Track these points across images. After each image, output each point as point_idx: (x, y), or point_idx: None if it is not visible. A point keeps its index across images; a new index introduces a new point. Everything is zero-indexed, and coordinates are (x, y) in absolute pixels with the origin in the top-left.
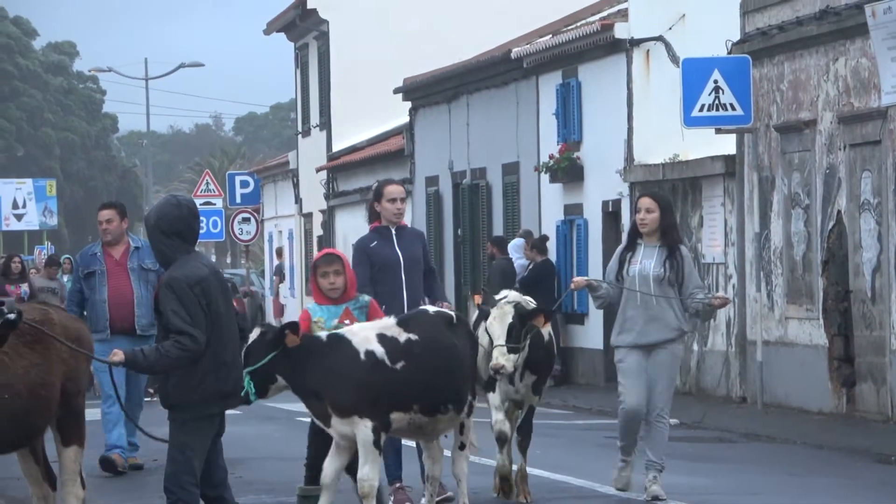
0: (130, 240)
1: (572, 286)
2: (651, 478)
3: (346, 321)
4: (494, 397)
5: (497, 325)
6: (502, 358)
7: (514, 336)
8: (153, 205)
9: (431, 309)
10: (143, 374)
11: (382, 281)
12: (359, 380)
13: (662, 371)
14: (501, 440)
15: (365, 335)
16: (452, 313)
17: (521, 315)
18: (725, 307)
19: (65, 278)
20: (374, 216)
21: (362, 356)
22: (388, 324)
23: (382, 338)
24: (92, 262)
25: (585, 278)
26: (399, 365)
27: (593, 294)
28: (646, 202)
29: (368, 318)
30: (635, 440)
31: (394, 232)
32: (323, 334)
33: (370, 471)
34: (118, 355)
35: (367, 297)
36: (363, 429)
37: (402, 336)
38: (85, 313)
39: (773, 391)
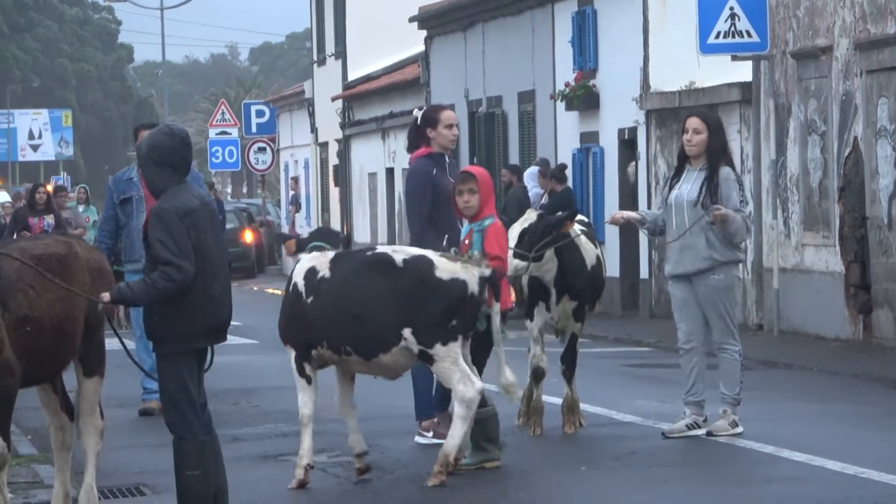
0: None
1: (610, 221)
2: (721, 412)
3: (467, 241)
4: (532, 326)
5: (515, 229)
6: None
7: (527, 242)
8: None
9: (382, 249)
10: (133, 307)
11: (441, 208)
12: (283, 309)
13: (707, 303)
14: (537, 375)
15: (303, 266)
16: (401, 257)
17: (548, 224)
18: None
19: (80, 208)
20: (420, 142)
21: (291, 286)
22: (325, 259)
23: (310, 271)
24: (128, 187)
25: (623, 214)
26: (310, 300)
27: (640, 227)
28: (693, 122)
29: (483, 243)
30: (695, 383)
31: (446, 159)
32: None
33: (300, 399)
34: (105, 296)
35: (489, 221)
36: (291, 357)
37: (322, 272)
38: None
39: (789, 319)
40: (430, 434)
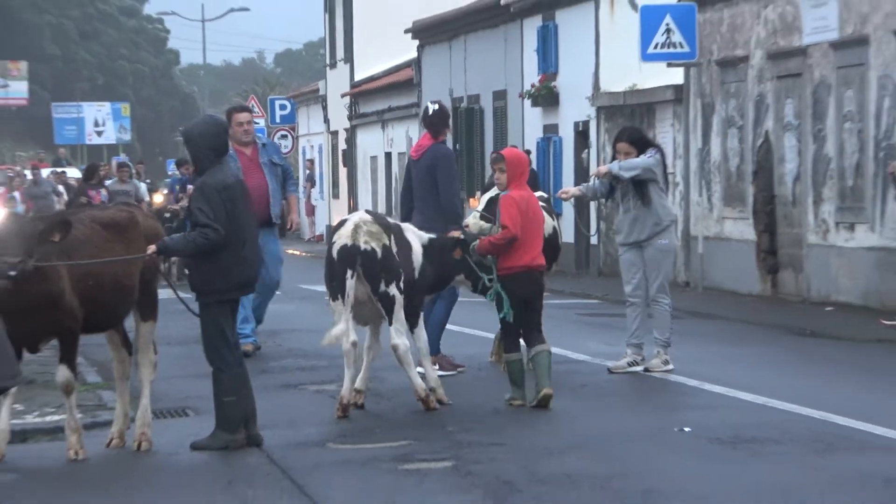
0: (256, 138)
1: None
2: (655, 352)
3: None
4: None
5: (485, 197)
6: (471, 219)
7: (488, 207)
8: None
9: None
10: (173, 256)
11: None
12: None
13: (651, 263)
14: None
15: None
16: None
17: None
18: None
19: (136, 182)
20: (439, 130)
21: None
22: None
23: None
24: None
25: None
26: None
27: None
28: (623, 147)
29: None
30: (636, 329)
31: None
32: None
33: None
34: (151, 248)
35: (504, 193)
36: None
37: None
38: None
39: (710, 277)
40: (437, 367)
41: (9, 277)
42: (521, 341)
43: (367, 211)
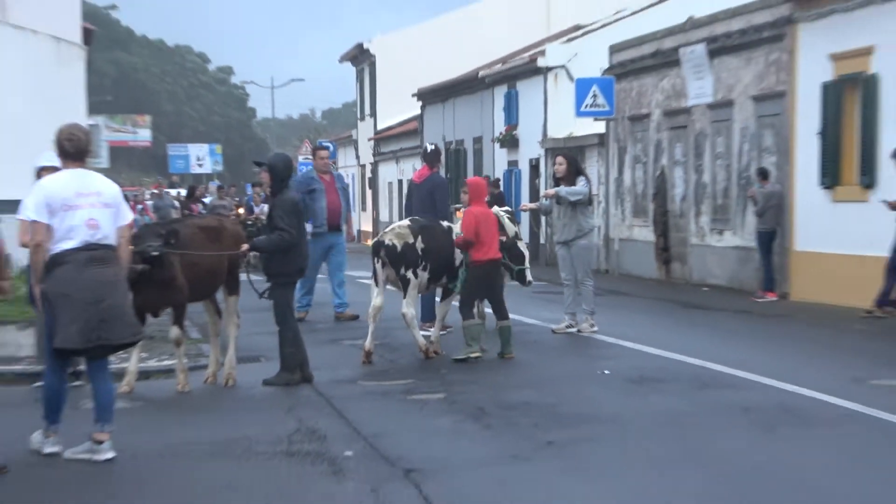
0: (331, 169)
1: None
2: (584, 318)
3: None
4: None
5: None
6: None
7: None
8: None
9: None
10: (261, 252)
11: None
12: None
13: (577, 257)
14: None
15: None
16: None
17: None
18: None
19: (227, 200)
20: (434, 163)
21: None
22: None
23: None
24: (311, 182)
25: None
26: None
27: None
28: (560, 160)
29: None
30: (571, 303)
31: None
32: None
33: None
34: (245, 246)
35: (464, 208)
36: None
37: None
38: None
39: (623, 266)
40: (431, 330)
41: (151, 258)
42: (476, 311)
43: (410, 219)
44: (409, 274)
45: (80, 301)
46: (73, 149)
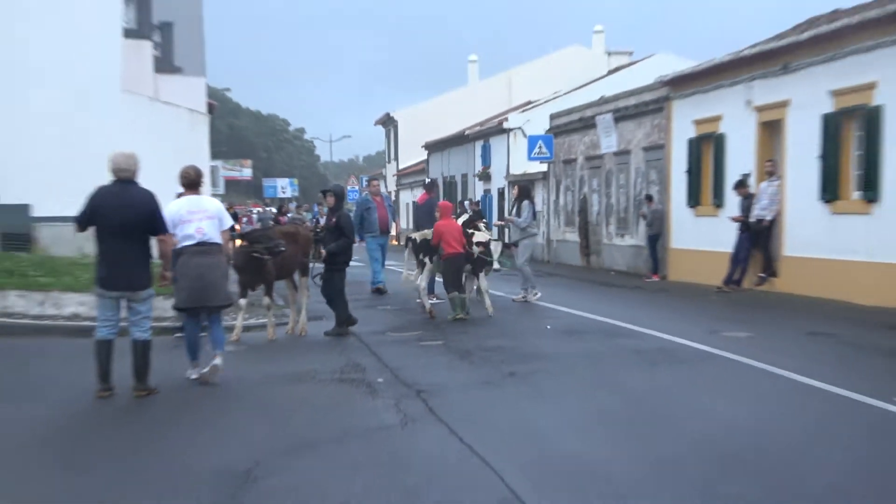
0: (382, 192)
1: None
2: (533, 293)
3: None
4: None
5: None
6: (480, 234)
7: (468, 221)
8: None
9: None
10: (333, 252)
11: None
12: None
13: (521, 251)
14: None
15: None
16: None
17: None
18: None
19: (306, 215)
20: (431, 191)
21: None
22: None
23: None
24: (368, 203)
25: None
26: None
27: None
28: (515, 188)
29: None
30: (525, 280)
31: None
32: None
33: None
34: (323, 253)
35: (437, 223)
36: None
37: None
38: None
39: (559, 259)
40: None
41: (278, 252)
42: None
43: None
44: (426, 260)
45: (187, 278)
46: (186, 181)
